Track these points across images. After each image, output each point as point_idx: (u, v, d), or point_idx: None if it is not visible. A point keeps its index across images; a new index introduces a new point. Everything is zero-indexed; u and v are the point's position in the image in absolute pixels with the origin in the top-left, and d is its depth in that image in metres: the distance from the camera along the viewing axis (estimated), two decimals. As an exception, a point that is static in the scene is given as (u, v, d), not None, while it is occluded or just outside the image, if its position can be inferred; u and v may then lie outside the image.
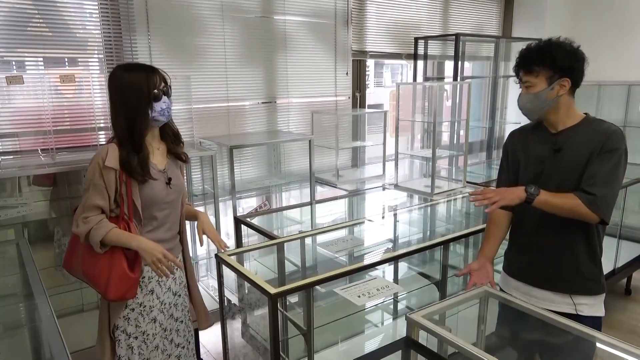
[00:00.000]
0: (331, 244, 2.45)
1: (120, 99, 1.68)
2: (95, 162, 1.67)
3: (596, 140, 1.67)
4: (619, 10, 4.75)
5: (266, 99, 3.72)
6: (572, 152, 1.72)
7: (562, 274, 1.78)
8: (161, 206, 1.79)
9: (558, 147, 1.74)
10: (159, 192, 1.77)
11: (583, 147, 1.70)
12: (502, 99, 5.20)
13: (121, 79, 1.68)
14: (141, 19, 3.07)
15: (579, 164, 1.69)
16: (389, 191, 3.69)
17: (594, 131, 1.70)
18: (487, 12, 5.11)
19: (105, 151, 1.67)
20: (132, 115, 1.67)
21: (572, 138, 1.73)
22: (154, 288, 1.82)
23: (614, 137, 1.67)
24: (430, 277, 2.73)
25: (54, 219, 2.96)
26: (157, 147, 1.83)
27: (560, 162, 1.73)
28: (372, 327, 3.03)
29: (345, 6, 3.98)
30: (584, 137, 1.71)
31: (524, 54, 1.73)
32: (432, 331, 1.39)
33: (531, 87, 1.71)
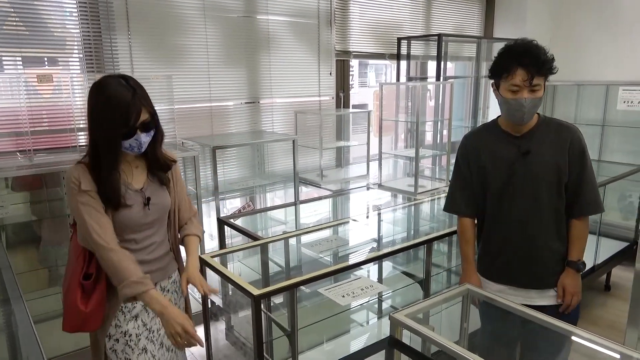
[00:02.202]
0: (315, 244, 2.45)
1: (93, 119, 1.51)
2: (70, 189, 1.51)
3: (561, 141, 1.76)
4: (598, 12, 4.84)
5: (249, 99, 3.70)
6: (541, 155, 1.76)
7: (544, 271, 1.83)
8: (139, 228, 1.62)
9: (525, 150, 1.77)
10: (134, 214, 1.59)
11: (550, 149, 1.76)
12: (484, 98, 5.25)
13: (97, 99, 1.49)
14: (121, 18, 3.02)
15: (551, 166, 1.75)
16: (373, 191, 3.71)
17: (556, 132, 1.78)
18: (469, 12, 5.16)
19: (73, 170, 1.51)
20: (101, 141, 1.51)
21: (537, 140, 1.78)
22: (138, 313, 1.63)
23: (577, 135, 1.77)
24: (414, 276, 2.75)
25: (34, 221, 2.90)
26: (136, 164, 1.64)
27: (530, 165, 1.77)
28: (357, 327, 3.04)
29: (329, 6, 3.98)
30: (548, 139, 1.77)
31: (532, 57, 1.68)
32: (415, 330, 1.40)
33: (538, 91, 1.71)
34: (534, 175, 1.77)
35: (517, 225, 1.83)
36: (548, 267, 1.83)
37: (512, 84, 1.70)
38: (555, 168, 1.75)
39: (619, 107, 4.50)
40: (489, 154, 1.85)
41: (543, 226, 1.80)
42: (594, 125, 4.77)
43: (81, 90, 2.97)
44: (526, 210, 1.80)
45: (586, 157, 1.78)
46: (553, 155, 1.75)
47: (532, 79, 1.67)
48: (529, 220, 1.81)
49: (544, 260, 1.82)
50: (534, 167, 1.76)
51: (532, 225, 1.81)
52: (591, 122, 4.78)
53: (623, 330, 1.85)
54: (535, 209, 1.79)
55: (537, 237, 1.81)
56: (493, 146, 1.85)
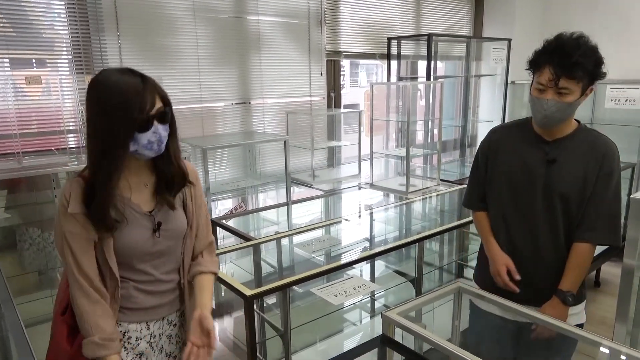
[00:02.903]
0: (308, 244, 2.45)
1: (93, 118, 1.21)
2: (62, 205, 1.24)
3: (593, 157, 1.56)
4: (586, 12, 4.89)
5: (240, 100, 3.69)
6: (567, 167, 1.58)
7: (550, 290, 1.65)
8: (147, 258, 1.34)
9: (552, 158, 1.59)
10: (140, 241, 1.31)
11: (579, 163, 1.57)
12: (474, 97, 5.29)
13: (98, 90, 1.21)
14: (110, 19, 3.00)
15: (576, 180, 1.57)
16: (365, 190, 3.72)
17: (590, 146, 1.58)
18: (458, 12, 5.19)
19: (67, 192, 1.24)
20: (104, 143, 1.20)
21: (567, 150, 1.59)
22: (143, 351, 1.39)
23: (611, 152, 1.57)
24: (406, 274, 2.76)
25: (22, 224, 2.88)
26: (145, 181, 1.34)
27: (554, 176, 1.59)
28: (350, 326, 3.05)
29: (319, 6, 3.98)
30: (579, 151, 1.58)
31: (563, 55, 1.47)
32: (407, 328, 1.41)
33: (567, 95, 1.50)
34: (555, 188, 1.59)
35: (526, 240, 1.67)
36: (553, 284, 1.64)
37: (538, 82, 1.54)
38: (581, 184, 1.56)
39: (607, 105, 4.55)
40: (513, 152, 1.68)
41: (556, 245, 1.63)
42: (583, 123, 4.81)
43: (70, 92, 2.95)
44: (539, 225, 1.63)
45: (613, 178, 1.56)
46: (581, 169, 1.56)
47: (558, 80, 1.48)
48: (540, 236, 1.64)
49: (551, 282, 1.64)
50: (557, 179, 1.58)
51: (544, 242, 1.64)
52: (580, 120, 4.82)
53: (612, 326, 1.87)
54: (550, 226, 1.62)
55: (546, 256, 1.65)
56: (519, 146, 1.67)
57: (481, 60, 5.25)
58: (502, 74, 4.94)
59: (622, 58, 4.68)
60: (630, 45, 4.61)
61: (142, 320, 1.38)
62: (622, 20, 4.66)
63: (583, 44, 1.48)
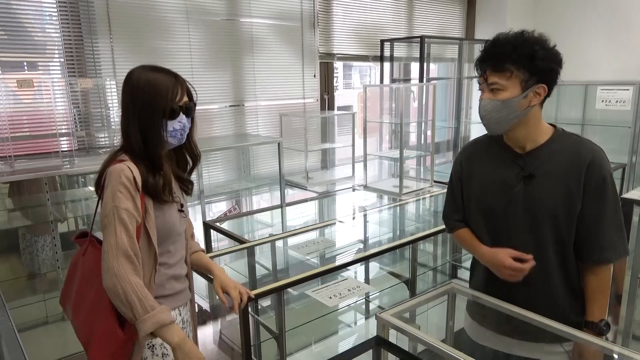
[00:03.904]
0: (302, 247, 2.45)
1: (133, 107, 1.34)
2: (121, 184, 1.26)
3: (576, 167, 1.37)
4: (577, 13, 4.94)
5: (234, 102, 3.69)
6: (547, 182, 1.40)
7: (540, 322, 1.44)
8: (176, 237, 1.44)
9: (529, 173, 1.41)
10: (175, 219, 1.41)
11: (560, 174, 1.38)
12: (467, 99, 5.32)
13: (137, 82, 1.35)
14: (102, 21, 3.00)
15: (559, 194, 1.38)
16: (359, 192, 3.73)
17: (571, 154, 1.39)
18: (451, 14, 5.22)
19: (127, 169, 1.29)
20: (145, 128, 1.34)
21: (545, 162, 1.41)
22: (169, 354, 1.40)
23: (598, 158, 1.37)
24: (400, 275, 2.77)
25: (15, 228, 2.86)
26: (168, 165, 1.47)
27: (533, 193, 1.41)
28: (345, 328, 3.05)
29: (312, 9, 3.99)
30: (559, 161, 1.39)
31: (491, 47, 1.37)
32: (401, 329, 1.41)
33: (499, 92, 1.36)
34: (536, 206, 1.41)
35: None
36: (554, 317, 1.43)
37: (478, 82, 1.43)
38: (565, 198, 1.38)
39: (598, 106, 4.60)
40: (486, 171, 1.51)
41: (545, 269, 1.44)
42: (575, 124, 4.87)
43: (62, 94, 2.94)
44: (525, 248, 1.43)
45: (607, 186, 1.37)
46: (564, 181, 1.38)
47: (486, 75, 1.37)
48: (536, 265, 1.42)
49: (542, 311, 1.44)
50: (538, 195, 1.40)
51: (539, 272, 1.43)
52: (571, 121, 4.87)
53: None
54: (536, 247, 1.43)
55: (536, 282, 1.44)
56: (492, 162, 1.50)
57: (473, 61, 5.28)
58: (494, 75, 4.97)
59: (612, 60, 4.74)
60: (620, 47, 4.66)
61: (175, 307, 1.43)
62: (612, 22, 4.71)
63: (517, 37, 1.34)
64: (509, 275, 1.41)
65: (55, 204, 2.91)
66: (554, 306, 1.45)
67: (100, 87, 3.06)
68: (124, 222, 1.24)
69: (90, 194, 3.20)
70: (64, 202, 3.07)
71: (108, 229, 1.25)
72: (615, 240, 1.39)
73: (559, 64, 1.36)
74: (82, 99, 3.02)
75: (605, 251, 1.39)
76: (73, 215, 3.14)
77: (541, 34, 1.37)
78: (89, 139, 3.09)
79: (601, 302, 1.43)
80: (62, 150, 2.93)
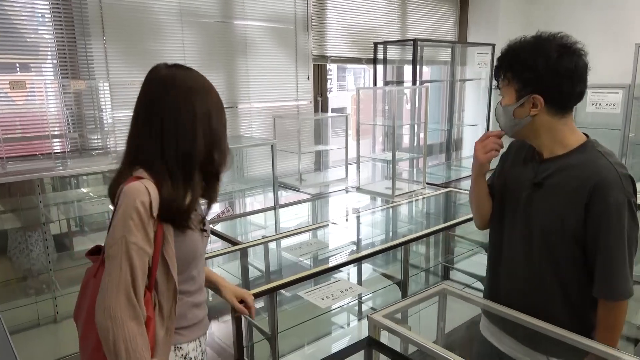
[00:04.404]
0: (295, 248, 2.46)
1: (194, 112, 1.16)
2: (135, 210, 1.08)
3: (580, 187, 1.26)
4: (568, 18, 5.00)
5: (227, 104, 3.70)
6: (549, 195, 1.33)
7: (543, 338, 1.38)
8: (197, 262, 1.28)
9: (538, 181, 1.35)
10: (197, 242, 1.25)
11: (564, 192, 1.30)
12: (460, 101, 5.36)
13: (190, 82, 1.18)
14: (96, 23, 3.00)
15: (551, 212, 1.32)
16: (352, 194, 3.74)
17: (581, 171, 1.28)
18: (443, 18, 5.26)
19: (145, 191, 1.10)
20: (214, 140, 1.19)
21: (556, 174, 1.32)
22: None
23: (607, 183, 1.24)
24: (392, 277, 2.79)
25: (5, 230, 2.85)
26: None
27: (535, 203, 1.36)
28: (337, 329, 3.06)
29: (305, 11, 4.01)
30: (569, 176, 1.30)
31: (502, 52, 1.35)
32: (392, 330, 1.43)
33: (503, 98, 1.36)
34: (532, 218, 1.36)
35: (504, 278, 1.48)
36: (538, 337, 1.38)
37: None
38: (560, 215, 1.30)
39: (589, 109, 4.65)
40: (510, 170, 1.48)
41: (538, 281, 1.39)
42: (565, 127, 4.91)
43: (55, 96, 2.93)
44: (516, 255, 1.42)
45: (612, 216, 1.24)
46: (566, 197, 1.29)
47: (498, 82, 1.38)
48: (519, 275, 1.42)
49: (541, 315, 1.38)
50: (536, 206, 1.35)
51: (522, 281, 1.42)
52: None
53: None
54: (528, 257, 1.39)
55: (527, 300, 1.41)
56: (518, 164, 1.46)
57: (466, 65, 5.33)
58: (487, 78, 5.02)
59: (602, 64, 4.79)
60: (610, 51, 4.71)
61: (197, 337, 1.31)
62: (602, 27, 4.77)
63: (520, 44, 1.31)
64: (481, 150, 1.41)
65: (47, 205, 2.90)
66: (548, 318, 1.37)
67: (94, 88, 3.06)
68: (130, 259, 1.08)
69: (83, 195, 3.19)
70: (56, 204, 3.06)
71: (113, 261, 1.08)
72: (615, 279, 1.27)
73: (557, 75, 1.26)
74: (75, 101, 3.01)
75: (604, 287, 1.29)
76: (65, 217, 3.14)
77: (559, 38, 1.29)
78: (82, 141, 3.09)
79: (606, 333, 1.32)
80: (55, 152, 2.93)
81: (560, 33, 1.31)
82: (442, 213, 3.52)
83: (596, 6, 4.79)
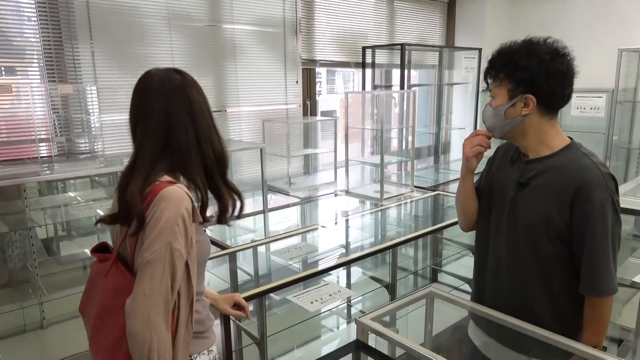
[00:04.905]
0: (284, 252, 2.47)
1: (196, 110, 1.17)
2: (180, 216, 1.07)
3: (565, 187, 1.31)
4: (553, 22, 5.08)
5: (216, 108, 3.69)
6: (534, 195, 1.37)
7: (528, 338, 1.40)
8: (206, 263, 1.32)
9: (524, 181, 1.39)
10: (208, 239, 1.29)
11: (548, 192, 1.34)
12: (447, 105, 5.41)
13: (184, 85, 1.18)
14: (83, 26, 2.98)
15: (536, 212, 1.36)
16: (341, 197, 3.76)
17: (565, 173, 1.33)
18: (431, 22, 5.32)
19: (187, 197, 1.11)
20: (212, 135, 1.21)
21: (540, 175, 1.37)
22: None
23: (589, 184, 1.28)
24: (381, 280, 2.80)
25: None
26: None
27: (520, 202, 1.39)
28: (327, 332, 3.07)
29: (294, 15, 4.02)
30: (553, 177, 1.35)
31: (494, 54, 1.39)
32: (380, 333, 1.44)
33: (493, 99, 1.40)
34: (518, 219, 1.40)
35: (492, 278, 1.50)
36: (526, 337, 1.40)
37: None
38: (545, 215, 1.34)
39: (573, 112, 4.73)
40: (497, 171, 1.52)
41: (524, 287, 1.42)
42: (551, 130, 4.99)
43: (41, 100, 2.91)
44: (503, 263, 1.46)
45: (595, 216, 1.28)
46: (550, 197, 1.33)
47: (487, 82, 1.42)
48: (505, 276, 1.45)
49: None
50: (522, 206, 1.39)
51: (509, 282, 1.45)
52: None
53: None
54: (513, 255, 1.43)
55: (514, 300, 1.45)
56: (506, 163, 1.50)
57: (453, 69, 5.38)
58: (474, 82, 5.08)
59: (586, 68, 4.87)
60: (594, 56, 4.80)
61: (212, 344, 1.31)
62: (587, 32, 4.85)
63: (512, 46, 1.36)
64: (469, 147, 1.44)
65: (33, 210, 2.87)
66: (533, 319, 1.40)
67: (81, 92, 3.04)
68: (174, 266, 1.07)
69: (70, 199, 3.17)
70: (43, 208, 3.03)
71: (154, 265, 1.05)
72: (600, 276, 1.31)
73: (551, 76, 1.30)
74: (62, 105, 2.99)
75: (590, 284, 1.33)
76: (52, 221, 3.11)
77: (555, 40, 1.35)
78: (69, 145, 3.07)
79: (590, 331, 1.36)
80: (42, 156, 2.90)
81: (550, 38, 1.36)
82: (430, 216, 3.55)
83: (581, 12, 4.88)
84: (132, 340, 1.04)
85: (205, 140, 1.18)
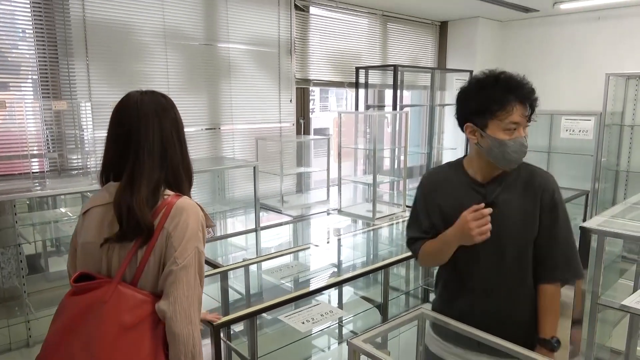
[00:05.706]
0: (276, 271, 2.46)
1: (179, 133, 1.28)
2: (201, 224, 1.23)
3: (532, 193, 1.47)
4: (542, 46, 5.19)
5: (210, 126, 3.71)
6: (508, 210, 1.45)
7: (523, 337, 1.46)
8: None
9: (491, 201, 1.42)
10: None
11: (519, 203, 1.47)
12: (439, 125, 5.47)
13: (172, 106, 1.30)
14: (79, 43, 3.00)
15: (518, 223, 1.46)
16: (333, 216, 3.76)
17: (527, 180, 1.49)
18: (423, 44, 5.41)
19: (199, 207, 1.26)
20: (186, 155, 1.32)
21: (505, 191, 1.48)
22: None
23: (550, 184, 1.49)
24: (372, 300, 2.79)
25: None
26: None
27: (497, 219, 1.40)
28: (318, 353, 3.04)
29: (289, 36, 4.08)
30: (517, 189, 1.48)
31: (528, 86, 1.46)
32: (371, 355, 1.44)
33: (524, 129, 1.49)
34: (500, 233, 1.43)
35: (478, 293, 1.53)
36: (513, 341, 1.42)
37: (510, 122, 1.39)
38: (525, 223, 1.46)
39: (563, 135, 4.81)
40: (450, 198, 1.53)
41: (510, 295, 1.50)
42: (541, 152, 5.06)
43: (35, 115, 2.91)
44: (490, 276, 1.50)
45: (559, 210, 1.47)
46: (523, 207, 1.46)
47: (527, 112, 1.43)
48: (493, 289, 1.50)
49: (507, 335, 1.42)
50: (501, 223, 1.43)
51: (497, 293, 1.50)
52: (538, 149, 5.06)
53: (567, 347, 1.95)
54: (501, 274, 1.49)
55: (502, 309, 1.51)
56: (455, 193, 1.53)
57: (445, 89, 5.46)
58: (465, 103, 5.14)
59: (575, 91, 4.97)
60: (583, 79, 4.91)
61: None
62: (575, 55, 4.96)
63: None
64: (477, 230, 1.35)
65: (23, 225, 2.85)
66: (516, 331, 1.48)
67: (75, 108, 3.04)
68: (201, 267, 1.21)
69: (61, 215, 3.14)
70: (33, 224, 3.00)
71: (189, 269, 1.16)
72: (569, 261, 1.48)
73: (458, 101, 1.48)
74: (55, 120, 2.99)
75: (558, 271, 1.48)
76: (42, 237, 3.07)
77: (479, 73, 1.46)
78: (62, 161, 3.06)
79: (552, 320, 1.50)
80: (33, 171, 2.89)
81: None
82: (422, 236, 3.55)
83: (568, 37, 5.00)
84: (175, 340, 1.14)
85: (187, 158, 1.30)
